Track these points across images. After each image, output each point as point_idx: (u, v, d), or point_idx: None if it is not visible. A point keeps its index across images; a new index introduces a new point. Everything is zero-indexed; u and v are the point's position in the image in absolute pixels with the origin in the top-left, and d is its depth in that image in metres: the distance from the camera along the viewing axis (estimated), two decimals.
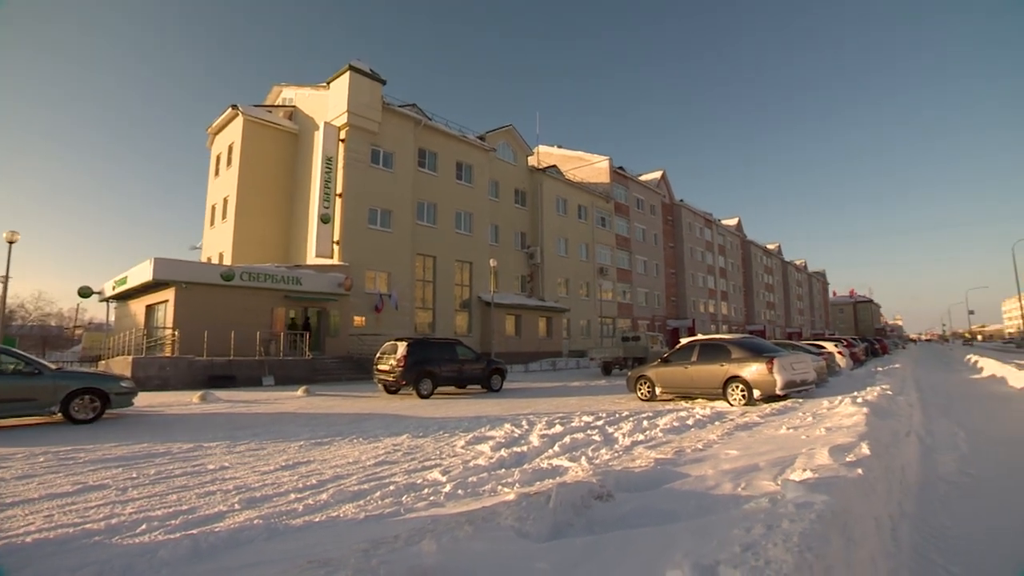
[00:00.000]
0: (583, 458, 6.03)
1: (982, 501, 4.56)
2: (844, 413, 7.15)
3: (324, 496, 4.60)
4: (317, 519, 4.06)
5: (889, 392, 10.08)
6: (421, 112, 28.05)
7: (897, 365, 21.86)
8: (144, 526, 3.87)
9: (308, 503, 4.43)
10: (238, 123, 26.57)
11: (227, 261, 24.88)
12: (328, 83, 25.09)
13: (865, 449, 4.46)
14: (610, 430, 7.88)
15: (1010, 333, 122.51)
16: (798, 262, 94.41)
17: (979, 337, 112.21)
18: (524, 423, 8.66)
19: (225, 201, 26.91)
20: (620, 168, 44.72)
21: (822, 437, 5.60)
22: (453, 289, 28.47)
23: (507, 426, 8.30)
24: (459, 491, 4.75)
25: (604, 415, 9.61)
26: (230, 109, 26.88)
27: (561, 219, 36.91)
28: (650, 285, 46.65)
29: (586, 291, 38.69)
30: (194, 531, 3.74)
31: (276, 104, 30.32)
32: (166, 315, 18.72)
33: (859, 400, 8.49)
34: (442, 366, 14.51)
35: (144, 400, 11.83)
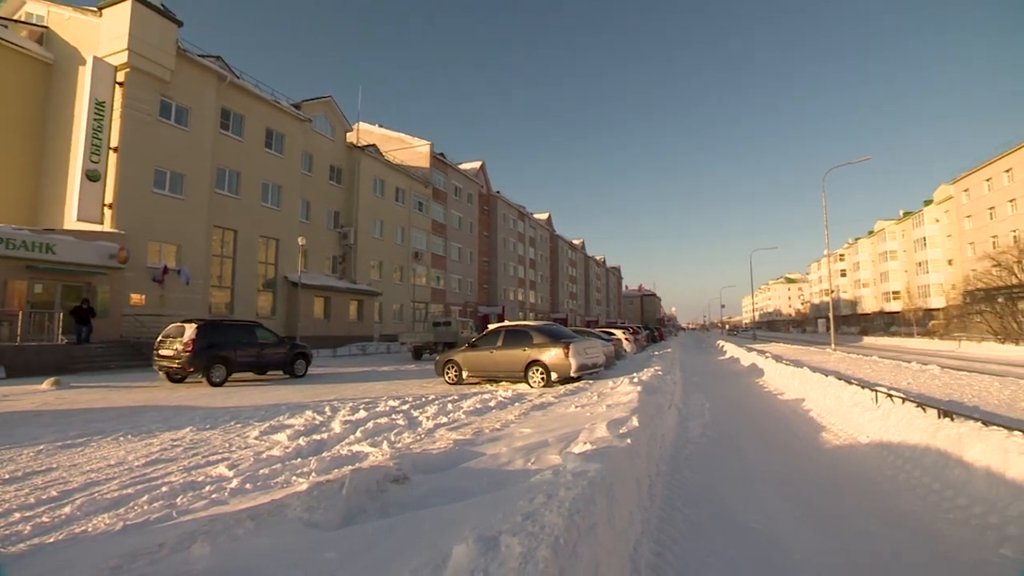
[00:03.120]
0: (385, 443, 6.13)
1: (713, 453, 6.08)
2: (623, 392, 7.89)
3: (68, 509, 3.90)
4: (52, 540, 3.35)
5: (660, 372, 11.57)
6: (227, 67, 25.08)
7: (669, 350, 26.31)
8: None
9: (41, 522, 3.67)
10: None
11: None
12: (100, 8, 20.81)
13: (635, 422, 5.04)
14: (415, 414, 8.05)
15: (746, 323, 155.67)
16: (598, 257, 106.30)
17: (726, 326, 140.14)
18: (327, 409, 8.54)
19: None
20: (441, 154, 45.47)
21: (603, 413, 6.14)
22: (256, 267, 26.24)
23: (308, 413, 8.11)
24: (247, 485, 4.50)
25: (411, 399, 9.74)
26: None
27: (378, 200, 36.33)
28: (464, 272, 48.53)
29: (400, 275, 38.79)
30: None
31: (15, 19, 23.74)
32: None
33: (635, 380, 9.36)
34: (239, 350, 13.62)
35: None
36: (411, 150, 43.02)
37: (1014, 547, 3.26)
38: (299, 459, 5.52)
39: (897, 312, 66.37)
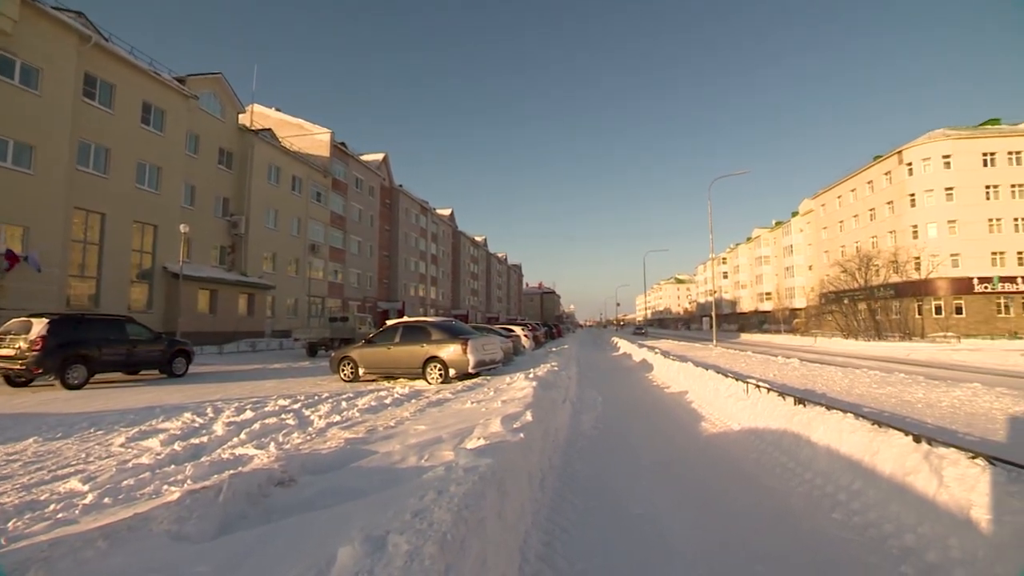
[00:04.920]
0: (272, 444, 5.82)
1: (604, 445, 6.38)
2: (518, 387, 8.03)
3: None
4: None
5: (556, 368, 11.97)
6: (91, 26, 22.13)
7: (567, 346, 27.28)
8: None
9: None
10: None
11: None
12: None
13: (529, 416, 5.19)
14: (307, 413, 7.75)
15: (639, 321, 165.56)
16: (500, 255, 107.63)
17: (621, 323, 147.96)
18: (209, 411, 7.94)
19: None
20: (342, 144, 43.62)
21: (498, 409, 6.15)
22: (129, 256, 23.45)
23: (187, 415, 7.47)
24: (105, 500, 4.00)
25: (303, 398, 9.37)
26: None
27: (272, 188, 34.06)
28: (363, 266, 46.95)
29: (295, 268, 36.71)
30: None
31: None
32: None
33: (531, 376, 9.58)
34: (104, 348, 12.15)
35: None
36: (310, 137, 40.80)
37: (842, 511, 3.89)
38: (173, 466, 5.01)
39: (769, 311, 74.10)
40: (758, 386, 7.69)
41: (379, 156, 52.74)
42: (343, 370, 12.86)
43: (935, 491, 3.28)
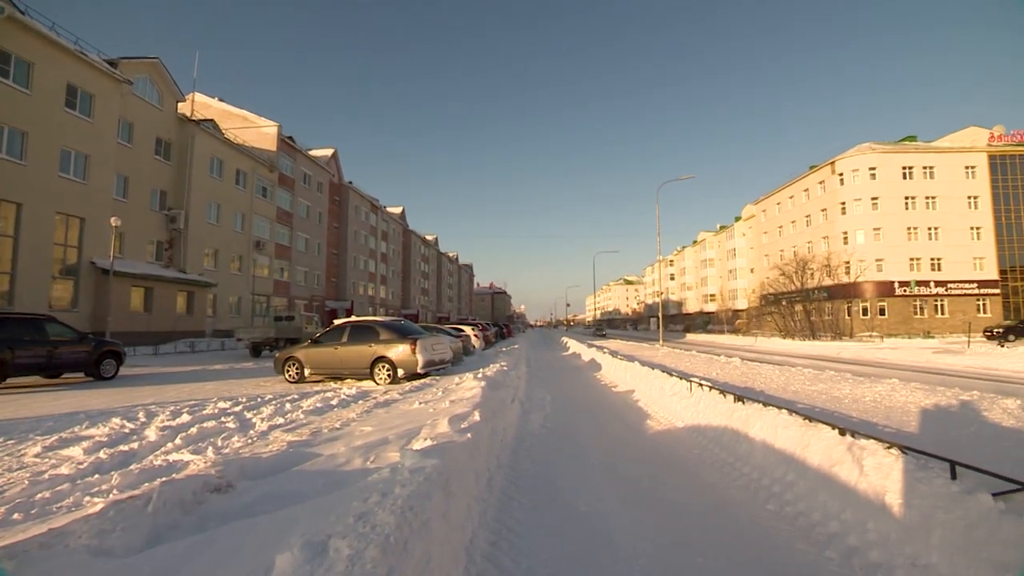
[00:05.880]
0: (210, 449, 5.52)
1: (552, 444, 6.43)
2: (467, 387, 8.01)
3: None
4: None
5: (505, 368, 12.00)
6: None
7: (517, 346, 27.41)
8: None
9: None
10: None
11: None
12: None
13: (477, 416, 5.18)
14: (248, 415, 7.46)
15: (589, 321, 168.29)
16: (451, 254, 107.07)
17: (571, 323, 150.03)
18: (141, 415, 7.44)
19: None
20: (289, 138, 42.25)
21: (446, 409, 6.13)
22: (51, 250, 21.80)
23: (116, 420, 6.91)
24: (15, 516, 3.61)
25: (244, 400, 9.04)
26: None
27: (215, 182, 32.57)
28: (310, 264, 45.62)
29: (239, 265, 35.24)
30: None
31: None
32: None
33: (480, 376, 9.58)
34: (19, 349, 11.24)
35: None
36: (256, 130, 39.28)
37: (776, 502, 4.10)
38: (97, 475, 4.63)
39: (713, 312, 77.05)
40: (701, 385, 7.98)
41: (328, 151, 51.43)
42: (288, 371, 12.53)
43: (856, 480, 3.51)
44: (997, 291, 44.97)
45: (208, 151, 31.98)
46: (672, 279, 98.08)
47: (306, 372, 12.40)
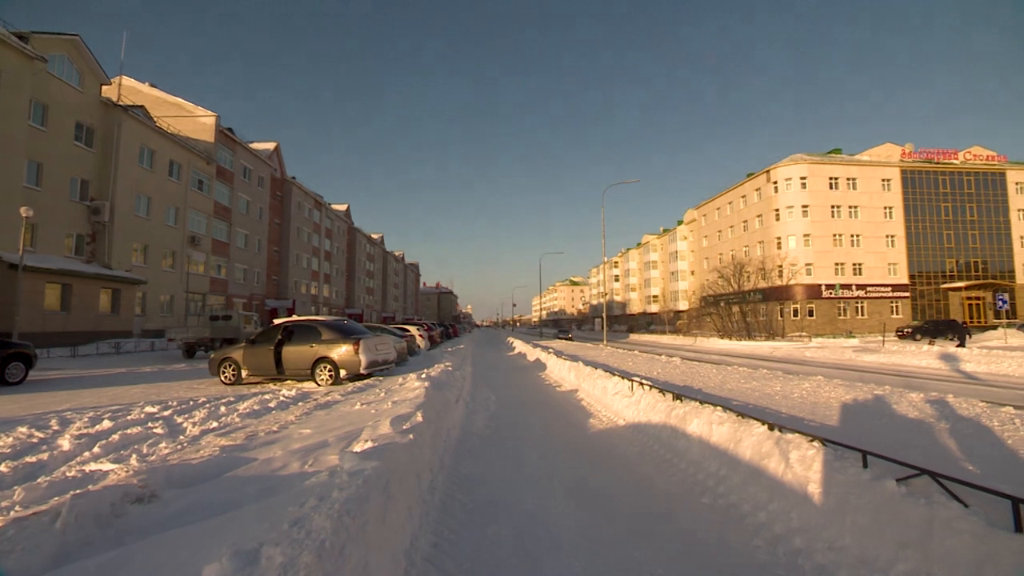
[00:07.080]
0: (134, 456, 5.20)
1: (496, 444, 6.43)
2: (411, 387, 7.91)
3: None
4: None
5: (450, 368, 11.94)
6: None
7: (463, 346, 27.31)
8: None
9: None
10: None
11: None
12: None
13: (419, 417, 5.12)
14: (178, 420, 7.17)
15: (535, 321, 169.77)
16: (397, 253, 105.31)
17: (517, 323, 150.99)
18: (53, 423, 6.89)
19: None
20: (229, 129, 40.27)
21: (389, 410, 6.07)
22: None
23: (22, 429, 6.36)
24: None
25: (175, 403, 8.62)
26: None
27: (145, 173, 30.60)
28: (250, 261, 43.70)
29: (172, 262, 33.28)
30: None
31: None
32: None
33: (423, 376, 9.55)
34: None
35: None
36: (192, 119, 37.20)
37: (710, 496, 4.30)
38: None
39: (656, 313, 79.43)
40: (642, 384, 8.23)
41: (270, 145, 49.43)
42: (224, 372, 12.04)
43: (783, 472, 3.73)
44: (907, 294, 48.97)
45: (137, 139, 30.00)
46: (617, 280, 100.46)
47: (243, 374, 11.98)
